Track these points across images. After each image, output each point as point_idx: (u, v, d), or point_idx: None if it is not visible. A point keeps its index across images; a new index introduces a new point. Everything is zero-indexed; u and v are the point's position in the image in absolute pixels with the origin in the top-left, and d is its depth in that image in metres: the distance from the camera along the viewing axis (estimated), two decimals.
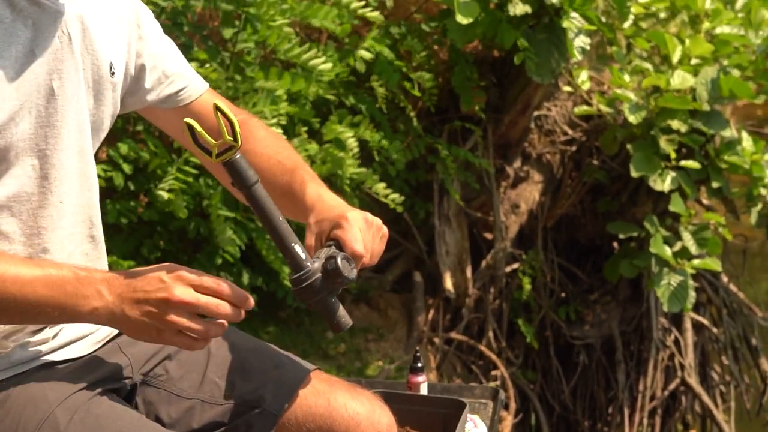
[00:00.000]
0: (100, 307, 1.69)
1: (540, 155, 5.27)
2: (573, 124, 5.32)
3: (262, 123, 2.20)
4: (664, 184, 4.83)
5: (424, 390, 2.60)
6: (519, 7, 4.53)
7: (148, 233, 4.21)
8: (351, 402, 1.97)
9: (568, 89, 5.22)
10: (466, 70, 4.87)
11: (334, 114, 4.44)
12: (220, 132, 1.71)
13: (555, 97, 5.30)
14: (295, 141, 4.10)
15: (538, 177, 5.27)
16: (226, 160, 1.72)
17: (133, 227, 4.15)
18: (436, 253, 5.05)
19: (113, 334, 2.00)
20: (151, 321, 1.69)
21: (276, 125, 3.86)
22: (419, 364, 2.61)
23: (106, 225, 2.03)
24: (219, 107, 1.70)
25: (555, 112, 5.31)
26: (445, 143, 4.93)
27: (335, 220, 1.88)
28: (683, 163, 4.85)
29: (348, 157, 4.21)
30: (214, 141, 1.72)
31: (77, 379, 1.85)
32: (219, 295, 1.71)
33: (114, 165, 3.92)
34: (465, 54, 4.93)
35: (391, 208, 4.37)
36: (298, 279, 1.79)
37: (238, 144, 1.71)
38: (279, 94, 3.98)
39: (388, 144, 4.53)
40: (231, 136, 1.71)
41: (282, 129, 3.95)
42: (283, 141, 2.16)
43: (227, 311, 1.72)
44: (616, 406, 5.39)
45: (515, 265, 5.29)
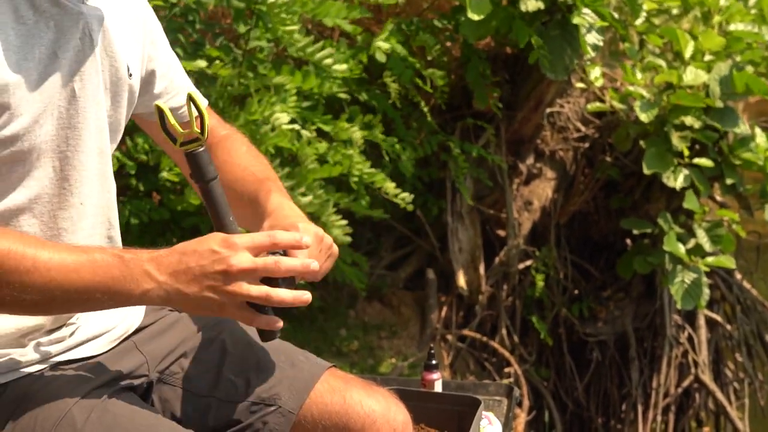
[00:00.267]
0: (152, 288, 1.66)
1: (553, 152, 5.26)
2: (586, 121, 5.31)
3: (246, 140, 2.19)
4: (676, 181, 4.82)
5: (438, 387, 2.60)
6: (531, 4, 4.52)
7: (161, 231, 4.21)
8: (366, 399, 1.96)
9: (580, 86, 5.22)
10: (480, 66, 4.86)
11: (346, 112, 4.43)
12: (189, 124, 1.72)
13: (568, 94, 5.30)
14: (306, 136, 4.09)
15: (550, 174, 5.26)
16: (189, 151, 1.71)
17: (145, 226, 4.16)
18: (449, 251, 5.04)
19: (130, 332, 1.99)
20: (212, 295, 1.66)
21: (287, 121, 3.87)
22: (434, 362, 2.62)
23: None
24: (192, 97, 1.70)
25: (568, 108, 5.30)
26: (457, 141, 4.92)
27: (287, 228, 1.85)
28: (696, 161, 4.84)
29: (356, 153, 4.20)
30: (182, 130, 1.71)
31: (94, 377, 1.84)
32: (276, 246, 1.68)
33: (129, 157, 3.92)
34: (478, 51, 4.93)
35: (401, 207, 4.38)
36: None
37: (203, 137, 1.71)
38: (288, 88, 3.98)
39: (400, 149, 4.53)
40: (199, 129, 1.71)
41: (294, 124, 3.96)
42: (262, 158, 2.16)
43: (288, 265, 1.68)
44: (630, 404, 5.39)
45: (528, 262, 5.28)
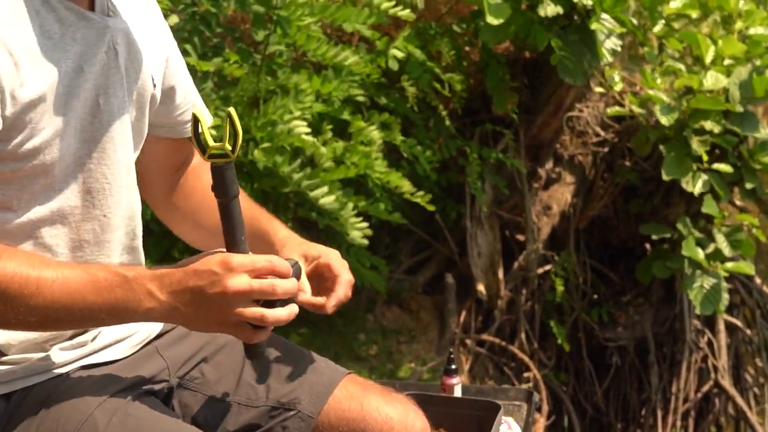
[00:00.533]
0: (154, 307, 1.67)
1: (572, 156, 5.26)
2: (605, 125, 5.30)
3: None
4: (695, 186, 4.81)
5: (458, 392, 2.59)
6: (550, 8, 4.52)
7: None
8: (384, 406, 1.97)
9: (600, 90, 5.21)
10: (499, 71, 4.86)
11: (365, 114, 4.44)
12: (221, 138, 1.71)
13: (587, 98, 5.29)
14: (322, 138, 4.10)
15: (570, 178, 5.26)
16: (217, 165, 1.70)
17: (165, 232, 4.16)
18: (468, 255, 5.04)
19: (151, 337, 2.00)
20: (209, 316, 1.67)
21: (301, 119, 3.89)
22: (453, 366, 2.61)
23: None
24: (231, 114, 1.70)
25: (587, 113, 5.29)
26: (474, 146, 4.92)
27: (323, 251, 1.98)
28: (715, 166, 4.83)
29: (373, 151, 4.20)
30: (213, 143, 1.71)
31: (116, 381, 1.85)
32: (273, 271, 1.69)
33: None
34: (497, 55, 4.93)
35: (423, 207, 4.37)
36: None
37: (233, 155, 1.69)
38: (303, 87, 3.98)
39: (420, 151, 4.53)
40: (231, 146, 1.70)
41: (310, 126, 3.97)
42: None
43: (285, 288, 1.69)
44: (649, 408, 5.37)
45: (547, 267, 5.27)
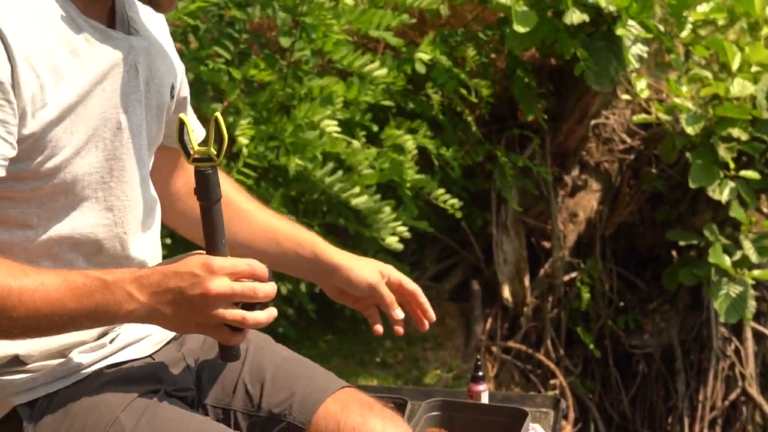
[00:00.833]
0: (135, 309, 1.68)
1: (598, 164, 5.25)
2: (631, 133, 5.29)
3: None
4: (722, 194, 4.80)
5: (485, 399, 2.60)
6: (576, 16, 4.52)
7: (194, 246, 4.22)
8: (373, 421, 1.94)
9: (626, 97, 5.19)
10: (525, 77, 4.86)
11: (393, 120, 4.46)
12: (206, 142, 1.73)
13: (613, 105, 5.28)
14: (355, 144, 4.11)
15: (596, 186, 5.25)
16: (201, 169, 1.72)
17: (178, 238, 4.18)
18: (494, 262, 5.04)
19: (170, 336, 2.01)
20: (190, 317, 1.69)
21: (337, 130, 3.91)
22: (480, 373, 2.60)
23: None
24: (218, 119, 1.72)
25: (613, 120, 5.28)
26: (503, 150, 4.93)
27: (386, 267, 2.18)
28: (743, 173, 4.81)
29: (407, 160, 4.22)
30: (198, 146, 1.73)
31: (139, 382, 1.87)
32: (254, 275, 1.71)
33: None
34: (523, 62, 4.93)
35: (449, 214, 4.38)
36: None
37: (218, 160, 1.72)
38: (335, 90, 4.00)
39: (446, 151, 4.54)
40: (215, 151, 1.72)
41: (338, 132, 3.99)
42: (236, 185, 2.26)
43: (266, 292, 1.71)
44: (676, 416, 5.35)
45: (573, 274, 5.26)
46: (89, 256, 1.83)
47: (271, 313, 1.73)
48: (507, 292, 5.00)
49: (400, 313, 2.16)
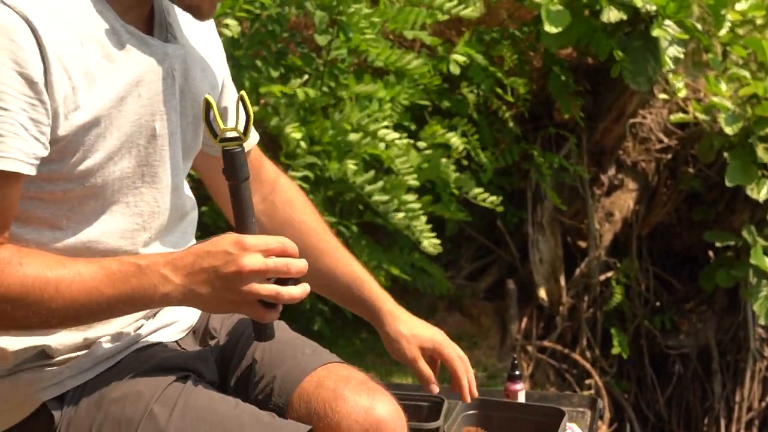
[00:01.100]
0: (170, 291, 1.69)
1: (635, 163, 5.22)
2: (668, 132, 5.27)
3: (294, 185, 2.29)
4: (760, 193, 4.77)
5: (521, 398, 2.59)
6: (613, 14, 4.50)
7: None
8: (356, 396, 1.88)
9: (663, 96, 5.17)
10: (561, 76, 4.85)
11: (432, 118, 4.46)
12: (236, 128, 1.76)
13: (650, 105, 5.25)
14: (398, 145, 4.09)
15: (632, 185, 5.23)
16: (228, 149, 1.74)
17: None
18: (530, 261, 5.03)
19: (195, 322, 2.02)
20: (224, 295, 1.69)
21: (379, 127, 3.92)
22: (517, 372, 2.60)
23: None
24: (243, 97, 1.74)
25: (650, 119, 5.26)
26: (539, 149, 4.91)
27: (431, 336, 2.34)
28: None
29: (451, 161, 4.23)
30: (225, 126, 1.75)
31: (168, 369, 1.86)
32: (285, 252, 1.72)
33: None
34: (559, 60, 4.91)
35: (484, 212, 4.37)
36: None
37: (245, 138, 1.74)
38: (382, 96, 4.02)
39: (482, 153, 4.54)
40: (242, 130, 1.74)
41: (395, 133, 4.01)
42: (317, 213, 2.28)
43: (299, 267, 1.72)
44: (712, 417, 5.32)
45: (609, 274, 5.25)
46: None
47: (304, 288, 1.73)
48: (543, 292, 4.99)
49: (435, 389, 2.27)
